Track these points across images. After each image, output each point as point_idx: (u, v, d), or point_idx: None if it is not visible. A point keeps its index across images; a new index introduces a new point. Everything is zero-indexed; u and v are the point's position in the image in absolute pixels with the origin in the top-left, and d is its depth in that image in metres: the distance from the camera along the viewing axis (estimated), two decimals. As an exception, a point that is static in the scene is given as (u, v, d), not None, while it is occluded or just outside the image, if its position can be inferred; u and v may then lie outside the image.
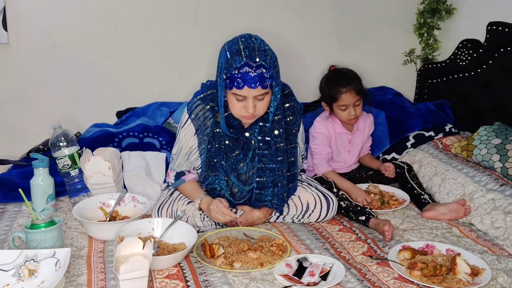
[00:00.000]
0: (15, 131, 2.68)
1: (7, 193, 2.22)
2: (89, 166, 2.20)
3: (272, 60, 1.79)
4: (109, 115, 2.77)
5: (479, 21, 2.68)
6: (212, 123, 1.92)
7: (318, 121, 2.43)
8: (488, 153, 2.25)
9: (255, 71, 1.72)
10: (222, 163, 1.96)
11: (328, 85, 2.34)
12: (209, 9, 2.79)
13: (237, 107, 1.81)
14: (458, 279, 1.61)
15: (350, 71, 2.36)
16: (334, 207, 2.08)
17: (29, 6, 2.55)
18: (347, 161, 2.49)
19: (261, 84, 1.74)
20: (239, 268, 1.69)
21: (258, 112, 1.83)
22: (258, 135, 1.94)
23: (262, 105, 1.82)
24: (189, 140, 1.97)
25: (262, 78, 1.74)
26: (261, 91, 1.77)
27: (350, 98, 2.30)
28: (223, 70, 1.78)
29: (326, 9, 2.97)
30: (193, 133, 1.95)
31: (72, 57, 2.66)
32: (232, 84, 1.75)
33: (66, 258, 1.55)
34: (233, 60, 1.74)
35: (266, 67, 1.75)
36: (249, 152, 1.97)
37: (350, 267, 1.71)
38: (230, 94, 1.80)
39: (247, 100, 1.78)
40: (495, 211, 1.99)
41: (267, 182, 1.98)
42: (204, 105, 1.92)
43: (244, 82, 1.73)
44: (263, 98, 1.80)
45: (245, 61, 1.72)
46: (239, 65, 1.73)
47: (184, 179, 2.02)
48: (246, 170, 1.99)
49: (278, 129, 1.93)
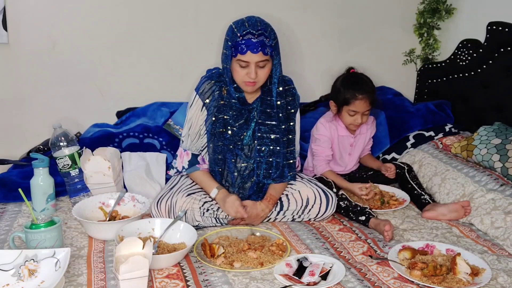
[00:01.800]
0: (15, 131, 2.68)
1: (7, 193, 2.23)
2: (89, 166, 2.20)
3: (273, 32, 1.96)
4: (109, 115, 2.77)
5: (479, 21, 2.68)
6: (218, 96, 2.04)
7: (322, 123, 2.41)
8: (488, 153, 2.25)
9: (257, 37, 1.88)
10: (228, 132, 2.04)
11: (344, 87, 2.31)
12: (209, 9, 2.79)
13: (241, 74, 1.94)
14: (458, 279, 1.61)
15: (368, 79, 2.34)
16: (333, 203, 2.10)
17: (29, 6, 2.55)
18: (348, 165, 2.48)
19: (262, 50, 1.88)
20: (239, 267, 1.69)
21: (259, 78, 1.95)
22: (260, 107, 2.05)
23: (263, 72, 1.95)
24: (198, 117, 2.06)
25: (263, 44, 1.89)
26: (263, 57, 1.90)
27: (363, 106, 2.29)
28: (228, 41, 1.93)
29: (326, 9, 2.97)
30: (200, 106, 2.05)
31: (72, 57, 2.66)
32: (237, 51, 1.89)
33: (66, 258, 1.55)
34: (238, 30, 1.91)
35: (267, 36, 1.91)
36: (251, 123, 2.05)
37: (350, 267, 1.71)
38: (235, 62, 1.93)
39: (249, 66, 1.91)
40: (495, 211, 1.99)
41: (266, 151, 2.06)
42: (210, 81, 2.05)
43: (247, 48, 1.88)
44: (264, 66, 1.93)
45: (248, 29, 1.89)
46: (243, 33, 1.88)
47: (198, 167, 2.10)
48: (248, 141, 2.07)
49: (280, 100, 2.06)
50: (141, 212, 1.99)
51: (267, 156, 2.06)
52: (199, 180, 2.10)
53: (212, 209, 2.01)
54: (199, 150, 2.13)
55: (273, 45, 1.94)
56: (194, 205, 1.99)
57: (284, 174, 2.09)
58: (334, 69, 2.80)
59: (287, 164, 2.10)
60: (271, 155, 2.06)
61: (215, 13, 2.81)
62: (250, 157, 2.09)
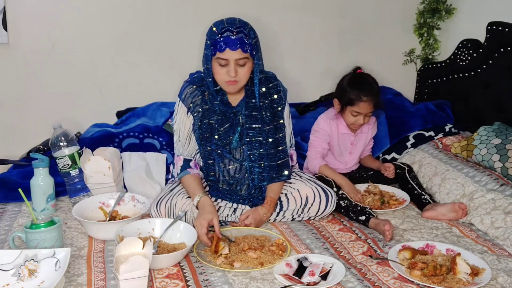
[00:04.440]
0: (15, 131, 2.68)
1: (7, 193, 2.23)
2: (89, 166, 2.20)
3: (252, 31, 1.93)
4: (109, 115, 2.77)
5: (479, 21, 2.68)
6: (201, 101, 2.03)
7: (323, 118, 2.42)
8: (488, 153, 2.25)
9: (236, 35, 1.87)
10: (215, 137, 2.03)
11: (351, 87, 2.30)
12: (209, 9, 2.79)
13: (221, 73, 1.92)
14: (458, 279, 1.61)
15: (374, 81, 2.34)
16: (333, 201, 2.10)
17: (29, 6, 2.55)
18: (348, 163, 2.49)
19: (241, 47, 1.87)
20: (239, 267, 1.69)
21: (240, 77, 1.92)
22: (244, 111, 2.03)
23: (244, 71, 1.92)
24: (185, 122, 2.05)
25: (242, 42, 1.87)
26: (242, 55, 1.88)
27: (367, 108, 2.29)
28: (208, 40, 1.92)
29: (326, 9, 2.97)
30: (185, 111, 2.04)
31: (72, 57, 2.66)
32: (215, 49, 1.88)
33: (66, 258, 1.55)
34: (216, 28, 1.90)
35: (246, 34, 1.89)
36: (237, 127, 2.04)
37: (350, 267, 1.71)
38: (214, 61, 1.91)
39: (229, 64, 1.89)
40: (495, 211, 1.99)
41: (257, 155, 2.05)
42: (191, 85, 2.04)
43: (226, 45, 1.86)
44: (244, 64, 1.91)
45: (227, 27, 1.88)
46: (221, 30, 1.87)
47: (189, 171, 2.06)
48: (236, 145, 2.06)
49: (264, 100, 2.04)
50: (141, 212, 1.99)
51: (259, 159, 2.05)
52: (186, 185, 2.05)
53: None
54: (192, 155, 2.11)
55: (253, 44, 1.92)
56: (194, 206, 1.98)
57: (279, 173, 2.08)
58: (334, 69, 2.81)
59: (280, 163, 2.08)
60: (262, 158, 2.05)
61: (215, 13, 2.79)
62: (240, 160, 2.07)
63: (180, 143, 2.09)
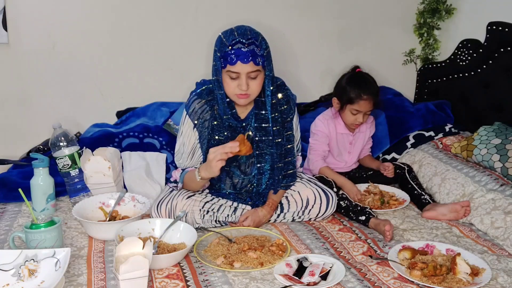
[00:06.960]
0: (15, 131, 2.68)
1: (7, 193, 2.23)
2: (89, 166, 2.20)
3: (264, 42, 1.86)
4: (109, 115, 2.77)
5: (479, 21, 2.68)
6: (210, 116, 1.96)
7: (320, 119, 2.43)
8: (488, 153, 2.25)
9: (247, 47, 1.79)
10: None
11: (350, 86, 2.31)
12: (209, 9, 2.79)
13: (231, 86, 1.85)
14: (458, 279, 1.61)
15: (373, 80, 2.35)
16: (333, 203, 2.09)
17: (29, 6, 2.55)
18: (347, 162, 2.49)
19: (253, 60, 1.80)
20: (239, 267, 1.69)
21: (251, 91, 1.86)
22: (254, 123, 1.98)
23: (255, 84, 1.86)
24: (191, 137, 1.99)
25: (254, 54, 1.80)
26: (254, 68, 1.81)
27: (366, 107, 2.30)
28: (217, 52, 1.84)
29: (326, 9, 2.97)
30: (192, 127, 1.98)
31: (72, 57, 2.66)
32: (226, 62, 1.81)
33: (66, 258, 1.55)
34: (226, 39, 1.81)
35: (257, 45, 1.81)
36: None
37: (350, 267, 1.71)
38: (225, 73, 1.85)
39: (240, 77, 1.82)
40: (495, 211, 1.99)
41: (266, 167, 2.02)
42: (201, 99, 1.96)
43: (237, 58, 1.79)
44: (256, 76, 1.84)
45: (238, 38, 1.79)
46: (232, 42, 1.79)
47: (187, 170, 2.03)
48: (245, 160, 2.02)
49: (274, 112, 1.97)
50: (141, 212, 1.99)
51: (267, 171, 2.03)
52: (187, 179, 2.00)
53: (212, 210, 2.01)
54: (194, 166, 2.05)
55: (265, 55, 1.85)
56: (195, 207, 1.98)
57: (286, 183, 2.07)
58: (334, 69, 2.82)
59: (287, 174, 2.07)
60: (271, 169, 2.03)
61: (215, 13, 2.81)
62: (247, 174, 2.05)
63: (184, 154, 2.03)
